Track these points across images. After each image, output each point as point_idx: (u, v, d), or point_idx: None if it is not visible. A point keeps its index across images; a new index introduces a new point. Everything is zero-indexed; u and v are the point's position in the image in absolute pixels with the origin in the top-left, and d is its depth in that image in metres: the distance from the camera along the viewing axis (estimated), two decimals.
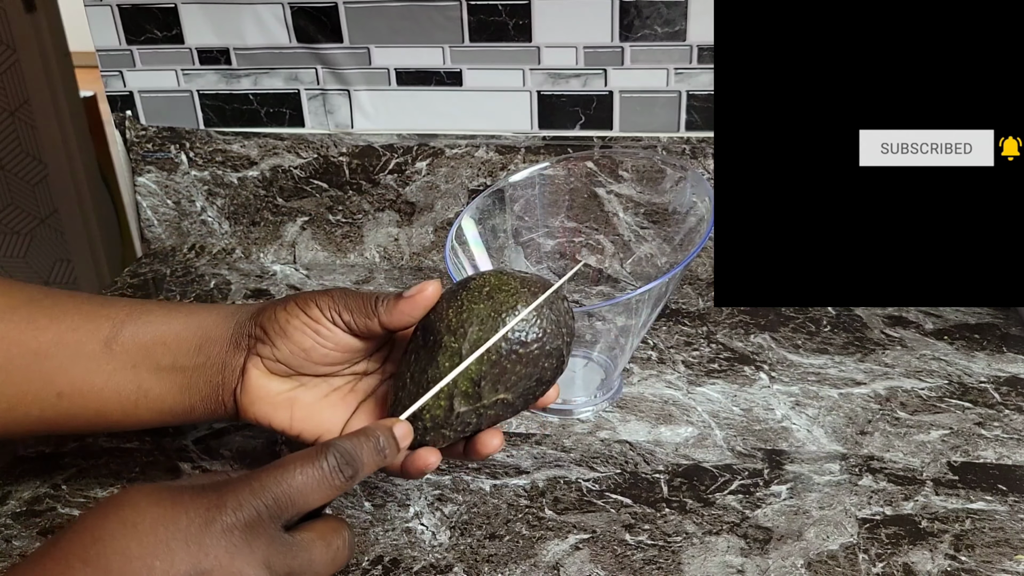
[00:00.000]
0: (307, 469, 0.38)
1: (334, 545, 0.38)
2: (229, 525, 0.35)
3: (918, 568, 0.48)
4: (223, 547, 0.34)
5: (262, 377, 0.48)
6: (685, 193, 0.66)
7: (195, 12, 0.81)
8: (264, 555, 0.35)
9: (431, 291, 0.46)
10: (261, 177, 0.84)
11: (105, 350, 0.48)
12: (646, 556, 0.49)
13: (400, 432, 0.43)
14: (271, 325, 0.47)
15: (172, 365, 0.48)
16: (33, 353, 0.47)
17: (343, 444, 0.40)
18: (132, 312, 0.49)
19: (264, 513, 0.36)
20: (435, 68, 0.82)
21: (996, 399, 0.62)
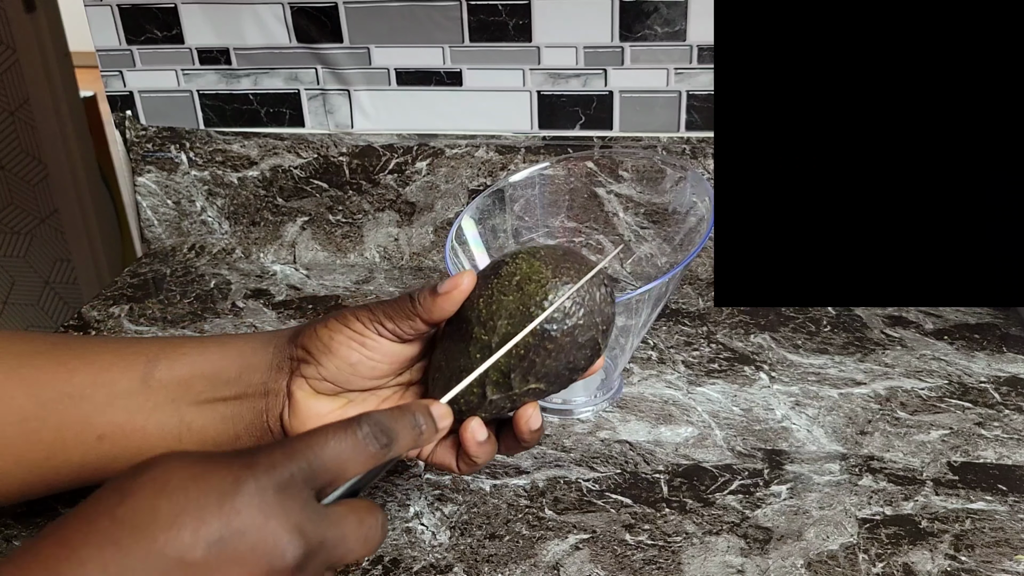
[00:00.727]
0: (341, 436, 0.36)
1: (367, 523, 0.37)
2: (262, 485, 0.33)
3: (918, 568, 0.48)
4: (256, 507, 0.33)
5: (309, 398, 0.46)
6: (685, 193, 0.66)
7: (195, 12, 0.81)
8: (297, 519, 0.34)
9: (466, 285, 0.45)
10: (261, 177, 0.84)
11: (143, 387, 0.47)
12: (646, 556, 0.49)
13: (438, 412, 0.42)
14: (314, 344, 0.46)
15: (212, 396, 0.47)
16: (68, 396, 0.46)
17: (378, 414, 0.38)
18: (164, 348, 0.48)
19: (298, 475, 0.34)
20: (435, 68, 0.82)
21: (996, 399, 0.62)
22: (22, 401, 0.45)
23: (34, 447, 0.46)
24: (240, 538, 0.32)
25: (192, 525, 0.32)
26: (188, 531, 0.32)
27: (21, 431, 0.45)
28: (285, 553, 0.33)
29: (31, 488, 0.48)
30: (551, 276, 0.44)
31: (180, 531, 0.32)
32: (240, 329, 0.75)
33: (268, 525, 0.33)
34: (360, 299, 0.79)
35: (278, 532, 0.33)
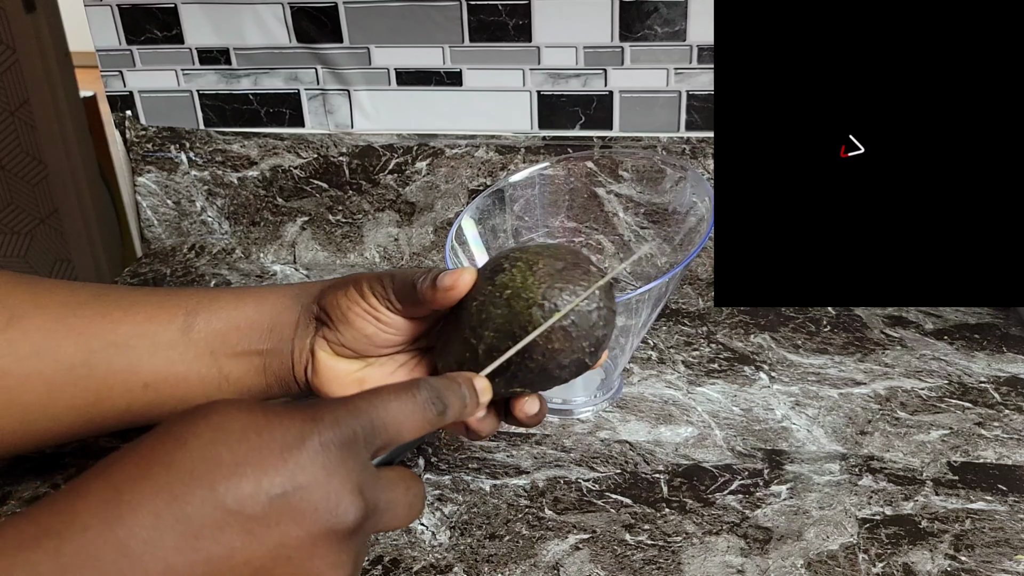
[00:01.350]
0: (402, 397, 0.36)
1: (413, 491, 0.36)
2: (327, 441, 0.32)
3: (918, 568, 0.48)
4: (320, 463, 0.31)
5: (330, 359, 0.48)
6: (685, 193, 0.66)
7: (195, 12, 0.81)
8: (358, 479, 0.32)
9: (464, 283, 0.45)
10: (261, 177, 0.84)
11: (183, 338, 0.48)
12: (646, 556, 0.49)
13: (480, 385, 0.42)
14: (333, 311, 0.47)
15: (247, 349, 0.49)
16: (113, 345, 0.47)
17: (434, 381, 0.38)
18: (202, 300, 0.50)
19: (360, 434, 0.33)
20: (435, 68, 0.82)
21: (996, 399, 0.62)
22: (71, 349, 0.47)
23: (82, 393, 0.47)
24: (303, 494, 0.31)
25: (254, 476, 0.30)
26: (249, 482, 0.30)
27: (70, 378, 0.47)
28: (347, 514, 0.32)
29: (78, 431, 0.49)
30: (539, 299, 0.43)
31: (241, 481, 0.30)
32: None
33: (331, 483, 0.32)
34: None
35: (341, 492, 0.32)
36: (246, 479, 0.30)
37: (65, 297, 0.49)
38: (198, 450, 0.30)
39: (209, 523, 0.29)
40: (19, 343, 0.46)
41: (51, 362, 0.47)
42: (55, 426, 0.48)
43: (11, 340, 0.46)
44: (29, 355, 0.46)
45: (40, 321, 0.47)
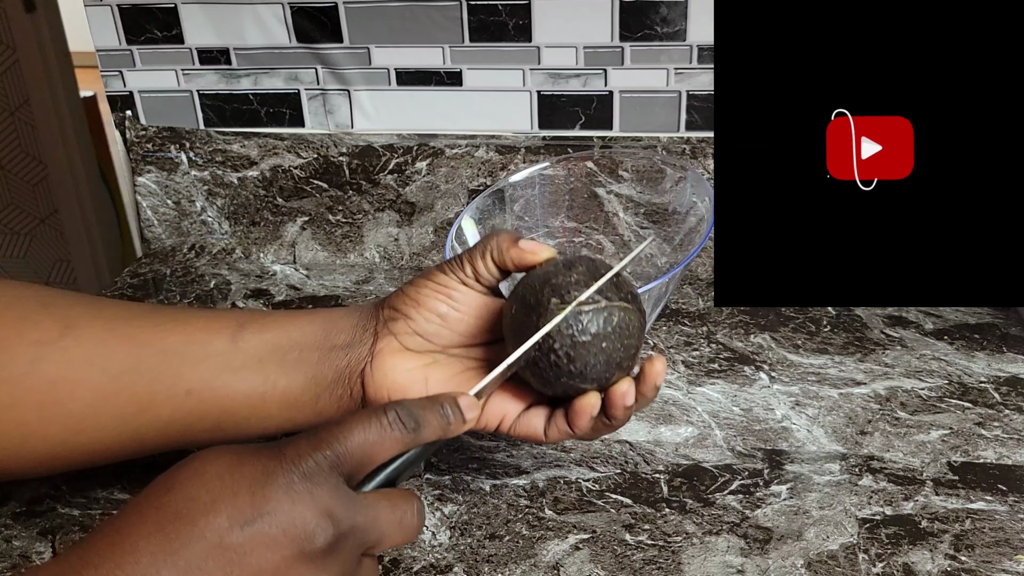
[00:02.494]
0: (366, 423, 0.38)
1: (401, 508, 0.38)
2: (288, 473, 0.36)
3: (918, 568, 0.48)
4: (284, 493, 0.35)
5: (395, 354, 0.49)
6: (685, 193, 0.66)
7: (195, 12, 0.81)
8: (326, 504, 0.36)
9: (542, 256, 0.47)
10: (261, 177, 0.84)
11: (232, 346, 0.49)
12: (646, 556, 0.49)
13: (465, 403, 0.43)
14: (402, 301, 0.49)
15: (298, 358, 0.49)
16: (162, 352, 0.48)
17: (407, 402, 0.41)
18: (254, 315, 0.51)
19: (324, 463, 0.37)
20: (435, 68, 0.82)
21: (996, 399, 0.62)
22: (121, 356, 0.48)
23: (128, 401, 0.48)
24: (271, 521, 0.35)
25: (227, 512, 0.34)
26: (223, 517, 0.34)
27: (117, 386, 0.48)
28: (315, 536, 0.35)
29: (123, 445, 0.50)
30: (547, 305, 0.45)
31: (216, 517, 0.34)
32: None
33: (295, 509, 0.35)
34: (360, 299, 0.79)
35: (306, 516, 0.35)
36: (220, 515, 0.34)
37: (121, 310, 0.50)
38: (182, 492, 0.35)
39: (195, 556, 0.34)
40: (72, 350, 0.47)
41: (100, 370, 0.48)
42: (102, 436, 0.49)
43: (65, 348, 0.47)
44: (81, 362, 0.47)
45: (95, 330, 0.48)
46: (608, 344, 0.44)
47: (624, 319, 0.45)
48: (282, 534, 0.35)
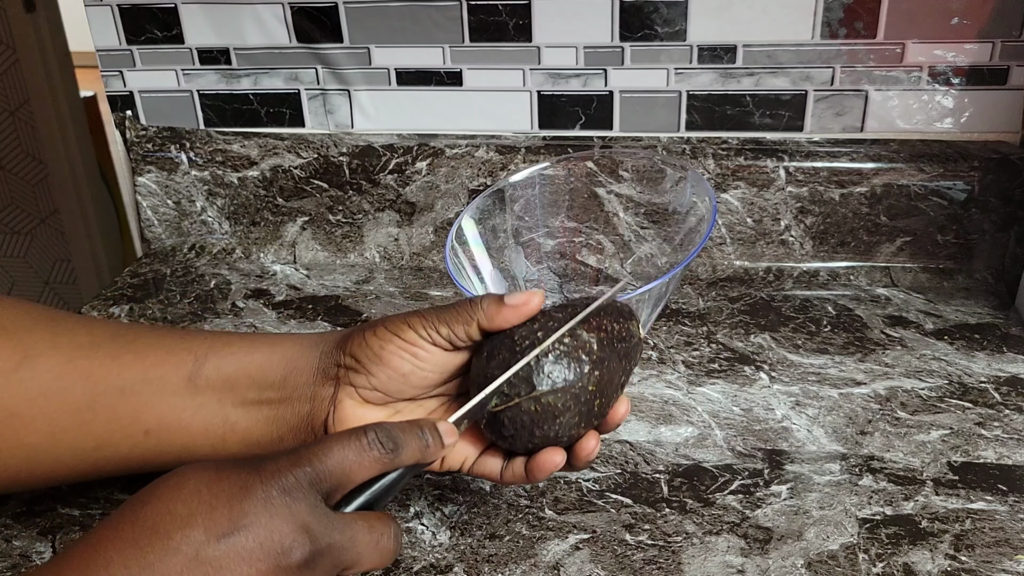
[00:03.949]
0: (345, 442, 0.38)
1: (378, 531, 0.38)
2: (267, 488, 0.36)
3: (918, 568, 0.48)
4: (261, 507, 0.35)
5: (356, 407, 0.47)
6: (685, 193, 0.66)
7: (195, 12, 0.81)
8: (303, 519, 0.36)
9: (535, 303, 0.45)
10: (261, 177, 0.84)
11: (189, 385, 0.48)
12: (646, 556, 0.49)
13: (444, 428, 0.43)
14: (364, 352, 0.46)
15: (257, 399, 0.48)
16: (119, 390, 0.47)
17: (387, 424, 0.40)
18: (214, 345, 0.49)
19: (302, 479, 0.36)
20: (435, 68, 0.82)
21: (996, 399, 0.62)
22: (78, 393, 0.47)
23: (85, 437, 0.48)
24: (248, 534, 0.34)
25: (204, 525, 0.34)
26: (200, 530, 0.34)
27: (74, 422, 0.47)
28: (292, 551, 0.35)
29: (81, 474, 0.50)
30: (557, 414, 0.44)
31: (193, 530, 0.34)
32: (241, 329, 0.75)
33: (273, 523, 0.35)
34: (360, 299, 0.79)
35: (283, 530, 0.35)
36: (197, 528, 0.34)
37: (81, 338, 0.49)
38: (158, 507, 0.35)
39: (170, 570, 0.34)
40: (29, 383, 0.47)
41: (58, 405, 0.47)
42: (59, 467, 0.48)
43: (23, 379, 0.47)
44: (37, 396, 0.47)
45: (52, 362, 0.47)
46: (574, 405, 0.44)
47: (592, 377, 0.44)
48: (259, 547, 0.34)
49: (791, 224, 0.79)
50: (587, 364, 0.44)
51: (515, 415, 0.44)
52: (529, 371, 0.44)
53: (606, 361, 0.45)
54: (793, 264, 0.80)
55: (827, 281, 0.79)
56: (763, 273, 0.80)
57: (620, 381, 0.46)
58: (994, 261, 0.78)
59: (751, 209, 0.79)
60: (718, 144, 0.80)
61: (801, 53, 0.77)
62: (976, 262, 0.78)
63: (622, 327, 0.46)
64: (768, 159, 0.78)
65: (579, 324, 0.45)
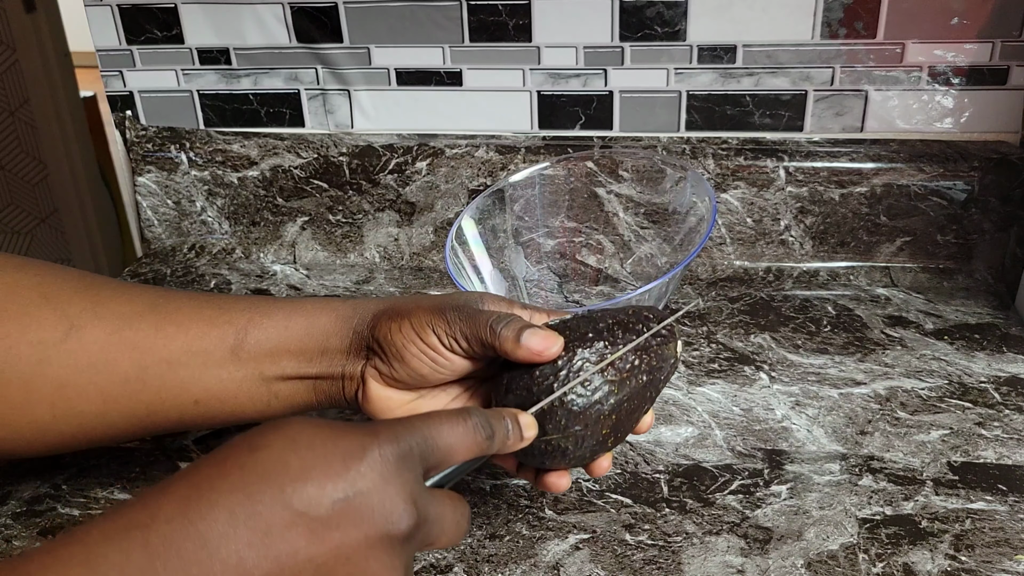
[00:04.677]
0: (454, 420, 0.38)
1: (460, 511, 0.39)
2: (385, 453, 0.35)
3: (918, 568, 0.48)
4: (378, 471, 0.34)
5: (382, 389, 0.48)
6: (685, 193, 0.66)
7: (195, 12, 0.81)
8: (412, 490, 0.35)
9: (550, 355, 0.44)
10: (261, 177, 0.84)
11: (233, 358, 0.49)
12: (646, 556, 0.49)
13: (525, 421, 0.43)
14: (388, 344, 0.47)
15: (296, 372, 0.49)
16: (166, 362, 0.48)
17: (482, 411, 0.40)
18: (252, 317, 0.50)
19: (415, 449, 0.36)
20: (435, 68, 0.82)
21: (996, 399, 0.62)
22: (125, 365, 0.48)
23: (137, 405, 0.49)
24: (362, 499, 0.34)
25: (319, 480, 0.33)
26: (314, 485, 0.33)
27: (124, 391, 0.48)
28: (401, 520, 0.34)
29: (134, 435, 0.51)
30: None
31: (307, 484, 0.33)
32: None
33: (387, 490, 0.34)
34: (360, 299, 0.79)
35: (396, 499, 0.34)
36: (311, 483, 0.33)
37: (122, 307, 0.49)
38: (271, 455, 0.33)
39: (278, 522, 0.32)
40: (78, 354, 0.47)
41: (107, 375, 0.48)
42: (112, 431, 0.50)
43: (71, 351, 0.47)
44: (86, 367, 0.48)
45: (98, 333, 0.48)
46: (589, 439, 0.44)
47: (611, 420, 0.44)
48: (371, 512, 0.34)
49: (791, 224, 0.79)
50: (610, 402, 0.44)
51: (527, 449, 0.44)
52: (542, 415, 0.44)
53: (631, 396, 0.44)
54: (793, 264, 0.80)
55: (827, 281, 0.79)
56: (763, 273, 0.80)
57: (645, 408, 0.46)
58: (994, 261, 0.78)
59: (751, 209, 0.79)
60: (718, 144, 0.80)
61: (801, 53, 0.77)
62: (976, 262, 0.79)
63: (657, 354, 0.45)
64: (768, 159, 0.78)
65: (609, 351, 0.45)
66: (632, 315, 0.46)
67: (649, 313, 0.46)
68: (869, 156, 0.77)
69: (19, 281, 0.49)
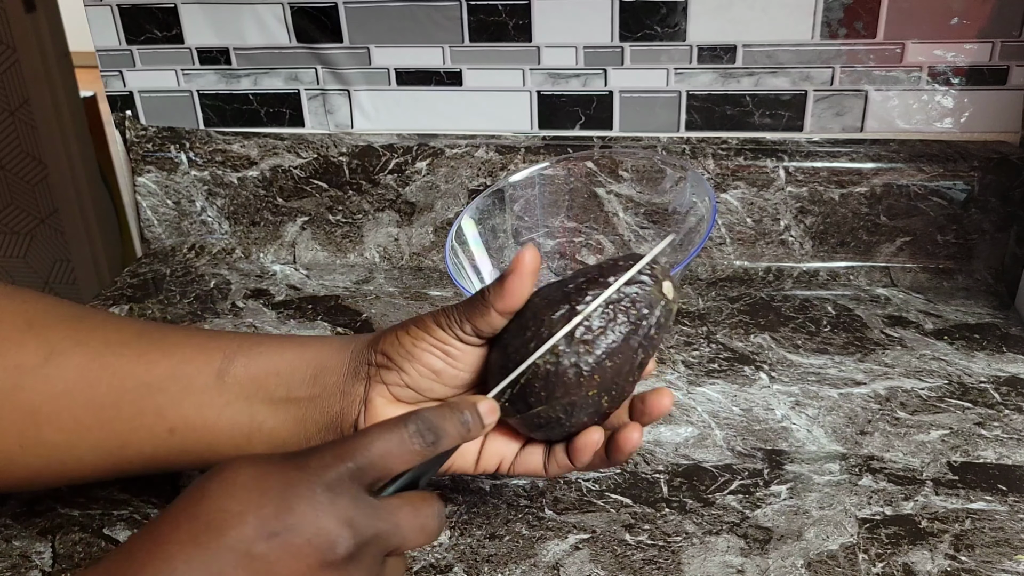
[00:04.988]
0: (387, 434, 0.39)
1: (423, 513, 0.39)
2: (311, 484, 0.36)
3: (918, 568, 0.48)
4: (306, 503, 0.36)
5: (387, 405, 0.47)
6: (685, 193, 0.66)
7: (195, 12, 0.81)
8: (347, 513, 0.36)
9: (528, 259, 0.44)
10: (261, 177, 0.84)
11: (217, 382, 0.48)
12: (646, 556, 0.49)
13: (484, 408, 0.43)
14: (396, 351, 0.46)
15: (286, 396, 0.48)
16: (145, 386, 0.47)
17: (426, 412, 0.40)
18: (243, 344, 0.49)
19: (345, 474, 0.37)
20: (435, 68, 0.82)
21: (996, 399, 0.62)
22: (102, 390, 0.47)
23: (108, 436, 0.48)
24: (296, 531, 0.35)
25: (253, 522, 0.35)
26: (250, 527, 0.35)
27: (98, 419, 0.47)
28: (336, 545, 0.36)
29: (103, 474, 0.50)
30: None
31: (244, 527, 0.35)
32: (241, 329, 0.75)
33: (319, 520, 0.36)
34: (360, 299, 0.79)
35: (328, 526, 0.36)
36: (247, 525, 0.35)
37: (109, 335, 0.48)
38: (213, 503, 0.36)
39: (226, 565, 0.35)
40: (54, 380, 0.46)
41: (82, 402, 0.47)
42: (81, 466, 0.48)
43: (47, 376, 0.46)
44: (62, 394, 0.47)
45: (79, 359, 0.47)
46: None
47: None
48: (306, 543, 0.35)
49: (791, 224, 0.79)
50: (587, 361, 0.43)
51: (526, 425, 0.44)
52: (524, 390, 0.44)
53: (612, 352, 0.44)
54: (793, 264, 0.80)
55: (827, 281, 0.79)
56: (763, 273, 0.80)
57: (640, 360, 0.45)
58: (994, 261, 0.78)
59: (751, 209, 0.79)
60: (718, 144, 0.80)
61: (801, 53, 0.77)
62: (976, 262, 0.78)
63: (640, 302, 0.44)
64: (768, 159, 0.78)
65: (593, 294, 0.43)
66: (602, 268, 0.45)
67: (623, 261, 0.45)
68: (869, 156, 0.77)
69: (4, 307, 0.48)
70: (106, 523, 0.53)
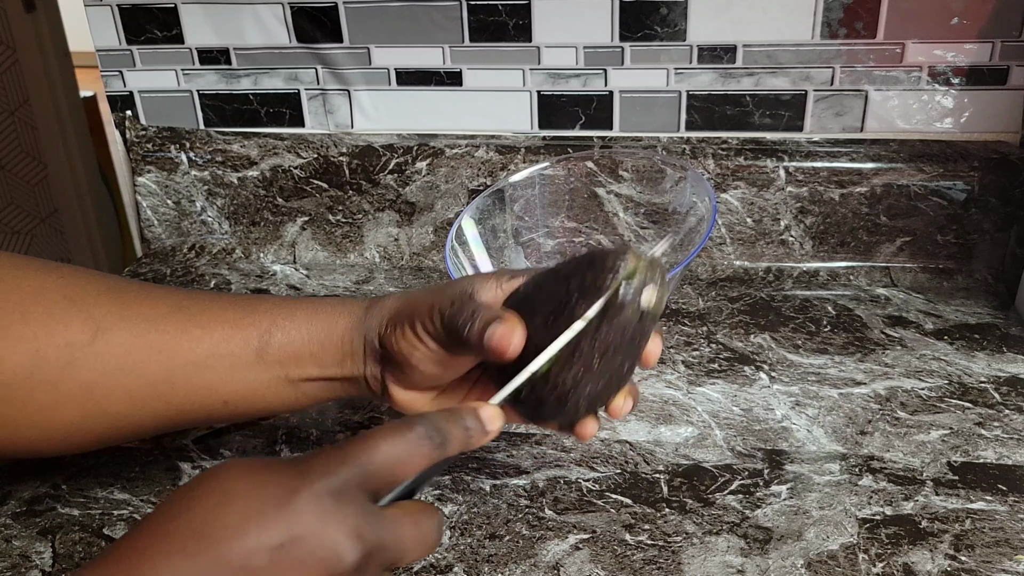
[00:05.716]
0: (393, 439, 0.38)
1: (423, 525, 0.38)
2: (317, 491, 0.35)
3: (918, 568, 0.48)
4: (313, 512, 0.34)
5: (402, 392, 0.49)
6: (685, 193, 0.66)
7: (195, 12, 0.81)
8: (354, 523, 0.35)
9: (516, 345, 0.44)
10: (261, 177, 0.84)
11: (258, 360, 0.49)
12: (646, 556, 0.49)
13: (486, 414, 0.42)
14: (397, 352, 0.47)
15: (321, 375, 0.50)
16: (193, 365, 0.49)
17: (432, 415, 0.40)
18: (276, 319, 0.50)
19: (352, 480, 0.36)
20: (435, 68, 0.82)
21: (996, 399, 0.62)
22: (153, 368, 0.48)
23: (165, 407, 0.49)
24: (300, 544, 0.33)
25: (254, 533, 0.33)
26: (251, 538, 0.33)
27: (153, 393, 0.48)
28: (344, 557, 0.34)
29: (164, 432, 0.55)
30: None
31: (243, 538, 0.33)
32: None
33: (326, 530, 0.34)
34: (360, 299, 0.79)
35: (336, 537, 0.34)
36: (248, 536, 0.33)
37: (147, 310, 0.49)
38: (205, 512, 0.34)
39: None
40: (105, 357, 0.47)
41: (135, 378, 0.48)
42: (141, 430, 0.51)
43: (98, 354, 0.47)
44: (114, 370, 0.48)
45: (124, 336, 0.48)
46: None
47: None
48: (311, 556, 0.34)
49: (791, 224, 0.79)
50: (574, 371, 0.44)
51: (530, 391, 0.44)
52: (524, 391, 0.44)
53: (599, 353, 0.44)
54: (793, 264, 0.80)
55: (827, 281, 0.79)
56: (763, 273, 0.80)
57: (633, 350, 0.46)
58: (994, 261, 0.78)
59: (751, 209, 0.79)
60: (718, 144, 0.80)
61: (801, 53, 0.77)
62: (976, 262, 0.79)
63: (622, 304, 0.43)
64: (768, 159, 0.78)
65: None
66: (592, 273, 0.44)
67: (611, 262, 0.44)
68: (869, 156, 0.77)
69: (43, 283, 0.49)
70: (106, 523, 0.53)
